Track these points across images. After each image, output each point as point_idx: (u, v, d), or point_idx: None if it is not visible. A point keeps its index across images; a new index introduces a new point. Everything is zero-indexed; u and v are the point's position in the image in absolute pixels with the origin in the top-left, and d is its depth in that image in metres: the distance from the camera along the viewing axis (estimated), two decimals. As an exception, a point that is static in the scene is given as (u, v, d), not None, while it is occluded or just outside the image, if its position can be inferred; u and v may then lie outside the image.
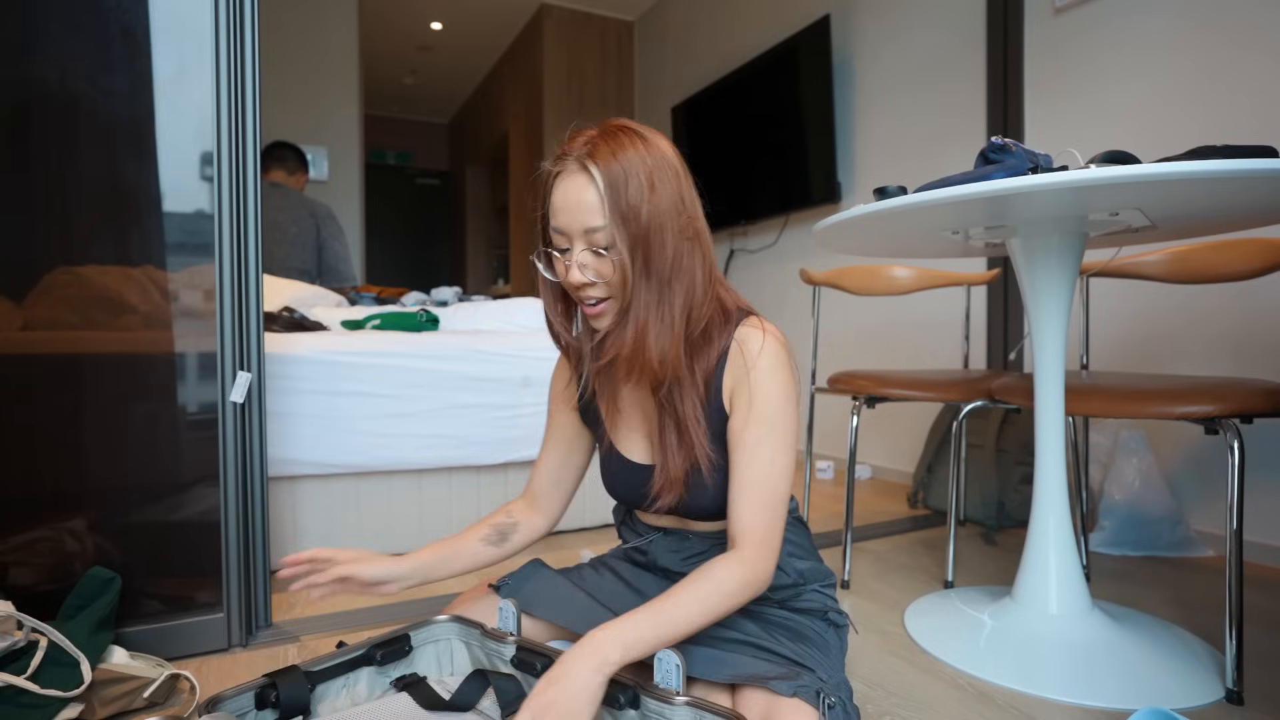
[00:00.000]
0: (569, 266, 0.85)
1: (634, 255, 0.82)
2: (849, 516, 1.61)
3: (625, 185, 0.80)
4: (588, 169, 0.82)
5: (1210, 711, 1.04)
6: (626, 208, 0.80)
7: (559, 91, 4.59)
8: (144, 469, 1.18)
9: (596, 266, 0.84)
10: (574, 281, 0.84)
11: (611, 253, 0.82)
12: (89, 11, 1.12)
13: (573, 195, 0.82)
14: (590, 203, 0.81)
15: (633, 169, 0.81)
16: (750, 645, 0.92)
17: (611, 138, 0.83)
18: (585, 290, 0.85)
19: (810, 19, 3.11)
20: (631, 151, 0.82)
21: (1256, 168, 0.83)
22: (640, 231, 0.81)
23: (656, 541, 1.04)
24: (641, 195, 0.81)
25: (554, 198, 0.85)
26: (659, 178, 0.82)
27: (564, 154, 0.85)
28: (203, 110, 1.19)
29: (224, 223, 1.21)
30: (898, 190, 1.10)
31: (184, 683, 1.09)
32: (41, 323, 1.12)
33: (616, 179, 0.80)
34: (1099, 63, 2.10)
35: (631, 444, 1.00)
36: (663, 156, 0.84)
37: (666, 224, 0.82)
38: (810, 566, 1.01)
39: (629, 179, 0.80)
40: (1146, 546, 1.83)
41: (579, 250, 0.84)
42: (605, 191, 0.80)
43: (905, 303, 2.76)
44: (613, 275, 0.83)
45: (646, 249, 0.82)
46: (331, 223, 2.97)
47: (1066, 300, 1.23)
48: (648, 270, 0.82)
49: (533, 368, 1.90)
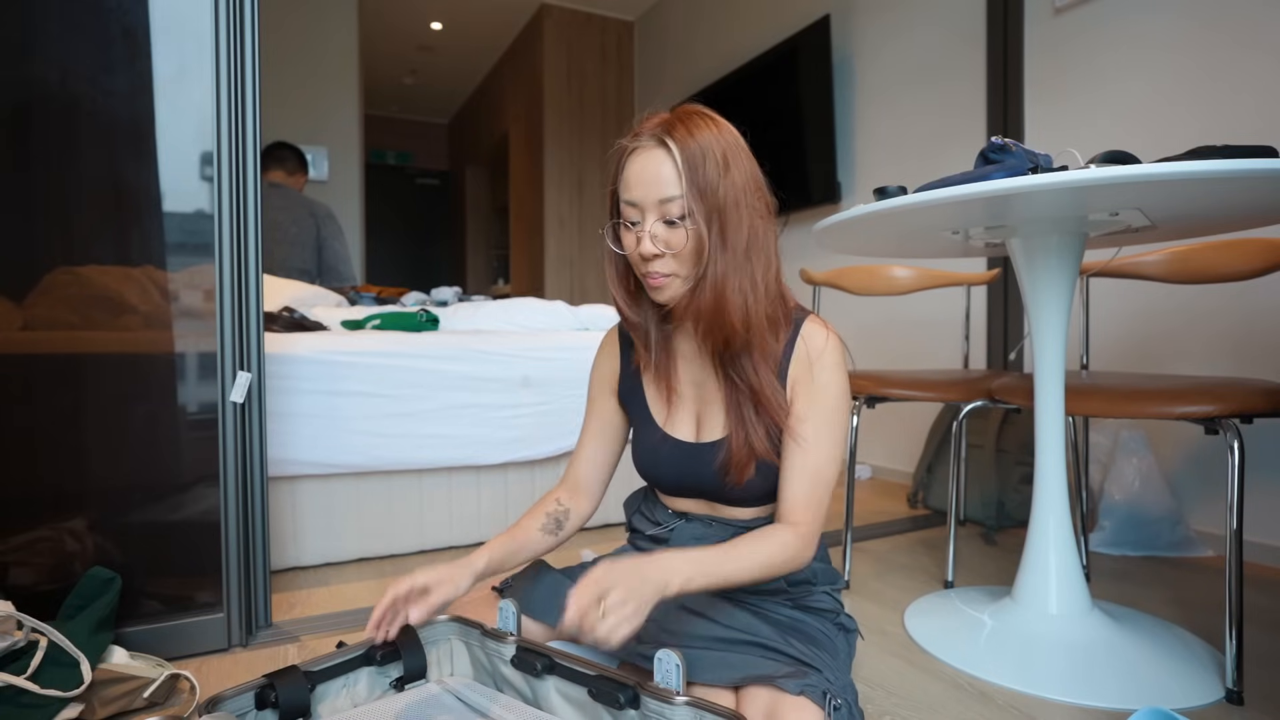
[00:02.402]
0: (640, 238, 0.87)
1: (710, 226, 0.85)
2: (849, 516, 1.61)
3: (702, 161, 0.84)
4: (665, 144, 0.85)
5: (1210, 711, 1.04)
6: (704, 182, 0.84)
7: (559, 91, 4.59)
8: (144, 469, 1.18)
9: (667, 237, 0.87)
10: (645, 252, 0.87)
11: (685, 223, 0.85)
12: (89, 12, 1.12)
13: (650, 169, 0.86)
14: (667, 175, 0.85)
15: (708, 147, 0.85)
16: (759, 646, 0.92)
17: (687, 119, 0.87)
18: (653, 263, 0.88)
19: (810, 19, 3.11)
20: (707, 132, 0.86)
21: (1256, 168, 0.83)
22: (717, 205, 0.85)
23: (680, 529, 1.03)
24: (718, 172, 0.84)
25: (628, 172, 0.88)
26: (733, 157, 0.86)
27: (639, 132, 0.89)
28: (203, 110, 1.19)
29: (224, 223, 1.21)
30: (898, 190, 1.10)
31: (184, 683, 1.09)
32: (42, 323, 1.12)
33: (693, 155, 0.84)
34: (1099, 62, 2.10)
35: (681, 424, 1.00)
36: (735, 139, 0.89)
37: (742, 200, 0.86)
38: (822, 568, 1.01)
39: (705, 156, 0.84)
40: (1146, 546, 1.83)
41: (651, 221, 0.87)
42: (682, 165, 0.84)
43: (905, 303, 2.76)
44: (684, 246, 0.86)
45: (723, 222, 0.85)
46: (331, 223, 2.97)
47: (1066, 300, 1.23)
48: (724, 241, 0.86)
49: (533, 368, 1.90)
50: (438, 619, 1.02)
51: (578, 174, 4.64)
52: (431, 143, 7.27)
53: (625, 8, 4.64)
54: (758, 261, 0.88)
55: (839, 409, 0.91)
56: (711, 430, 0.98)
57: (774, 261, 0.91)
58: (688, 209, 0.84)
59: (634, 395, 1.05)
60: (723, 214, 0.85)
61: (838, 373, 0.92)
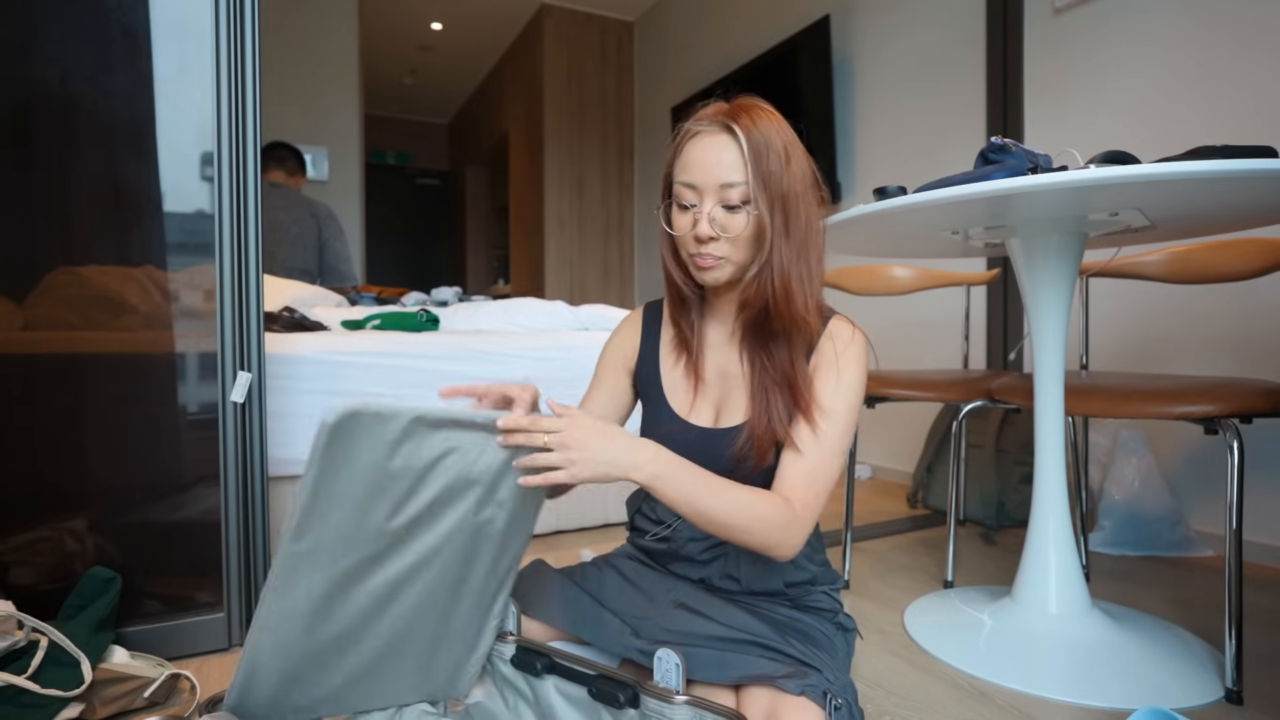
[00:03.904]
0: (698, 219, 0.88)
1: (773, 214, 0.86)
2: (849, 516, 1.61)
3: (767, 150, 0.85)
4: (731, 130, 0.86)
5: (1210, 711, 1.04)
6: (767, 171, 0.85)
7: (559, 91, 4.59)
8: (144, 469, 1.18)
9: (725, 221, 0.87)
10: (701, 234, 0.88)
11: (746, 209, 0.86)
12: (89, 12, 1.12)
13: (713, 153, 0.87)
14: (730, 160, 0.86)
15: (772, 138, 0.86)
16: (757, 645, 0.91)
17: (750, 109, 0.88)
18: (708, 245, 0.88)
19: (810, 19, 3.11)
20: (770, 124, 0.87)
21: (1256, 168, 0.83)
22: (780, 194, 0.86)
23: (680, 527, 1.02)
24: (781, 163, 0.86)
25: (688, 154, 0.89)
26: (792, 150, 0.88)
27: (701, 117, 0.90)
28: (203, 110, 1.19)
29: (224, 223, 1.21)
30: (898, 190, 1.10)
31: (184, 683, 1.09)
32: (42, 323, 1.12)
33: (758, 143, 0.85)
34: (1099, 62, 2.10)
35: (702, 412, 0.99)
36: (792, 133, 0.90)
37: (801, 192, 0.88)
38: (821, 569, 1.01)
39: (769, 146, 0.85)
40: (1146, 546, 1.83)
41: (710, 205, 0.87)
42: (748, 152, 0.85)
43: (905, 303, 2.76)
44: (741, 231, 0.87)
45: (785, 211, 0.87)
46: (332, 223, 2.97)
47: (1066, 300, 1.23)
48: (787, 230, 0.87)
49: (533, 368, 1.90)
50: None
51: (578, 174, 4.64)
52: (431, 143, 7.27)
53: (625, 8, 4.64)
54: (813, 252, 0.90)
55: (851, 403, 0.91)
56: (731, 417, 0.96)
57: (823, 254, 0.92)
58: (752, 195, 0.85)
59: (651, 380, 1.04)
60: (786, 203, 0.86)
61: (857, 368, 0.92)
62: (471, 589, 0.87)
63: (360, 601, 0.77)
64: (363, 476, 0.71)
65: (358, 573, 0.75)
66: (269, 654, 0.74)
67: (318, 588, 0.73)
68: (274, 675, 0.76)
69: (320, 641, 0.77)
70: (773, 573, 0.98)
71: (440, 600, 0.84)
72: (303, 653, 0.76)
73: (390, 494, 0.73)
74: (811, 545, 1.01)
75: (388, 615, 0.80)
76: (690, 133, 0.90)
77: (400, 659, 0.85)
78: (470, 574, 0.85)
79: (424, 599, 0.82)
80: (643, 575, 1.06)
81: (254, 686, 0.75)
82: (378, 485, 0.72)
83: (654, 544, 1.06)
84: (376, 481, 0.72)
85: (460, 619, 0.88)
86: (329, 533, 0.71)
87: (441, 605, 0.84)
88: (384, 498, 0.73)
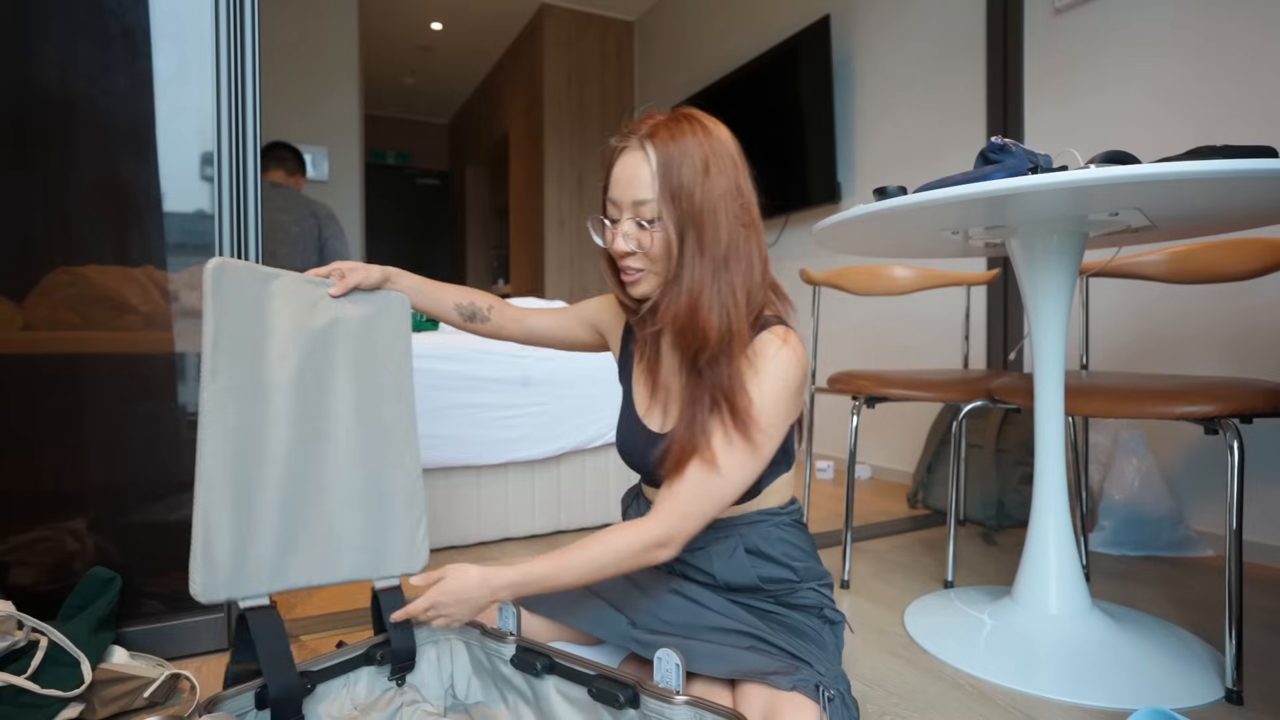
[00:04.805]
0: (615, 235, 0.91)
1: (683, 231, 0.86)
2: (849, 516, 1.61)
3: (679, 166, 0.86)
4: (644, 148, 0.88)
5: (1210, 711, 1.04)
6: (677, 186, 0.86)
7: (559, 91, 4.58)
8: (144, 469, 1.18)
9: (639, 237, 0.89)
10: (618, 249, 0.91)
11: (655, 226, 0.88)
12: (89, 12, 1.12)
13: (628, 170, 0.89)
14: (642, 178, 0.87)
15: (688, 152, 0.86)
16: (749, 636, 0.93)
17: (674, 123, 0.89)
18: (625, 260, 0.91)
19: (810, 19, 3.11)
20: (690, 138, 0.87)
21: (1256, 168, 0.83)
22: (692, 210, 0.86)
23: None
24: (695, 178, 0.86)
25: (613, 171, 0.91)
26: (715, 164, 0.87)
27: (629, 133, 0.91)
28: (203, 110, 1.19)
29: (224, 223, 1.21)
30: (898, 190, 1.10)
31: (184, 682, 1.09)
32: (41, 323, 1.12)
33: (670, 160, 0.86)
34: (1099, 63, 2.10)
35: (654, 414, 1.01)
36: (722, 145, 0.89)
37: (720, 207, 0.87)
38: (807, 566, 1.01)
39: (683, 161, 0.86)
40: (1146, 546, 1.83)
41: (626, 221, 0.90)
42: (657, 170, 0.86)
43: (905, 303, 2.76)
44: (652, 247, 0.88)
45: (699, 228, 0.86)
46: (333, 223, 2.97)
47: (1066, 300, 1.23)
48: (700, 247, 0.87)
49: (533, 368, 1.90)
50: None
51: (578, 174, 4.64)
52: (431, 143, 7.26)
53: (625, 8, 4.64)
54: (737, 269, 0.88)
55: (773, 420, 0.87)
56: (669, 424, 0.98)
57: (757, 269, 0.91)
58: (657, 213, 0.87)
59: (625, 374, 1.08)
60: (698, 220, 0.86)
61: (774, 384, 0.88)
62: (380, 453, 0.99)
63: (282, 441, 0.89)
64: (249, 314, 0.88)
65: (280, 419, 0.89)
66: (215, 509, 0.82)
67: (242, 422, 0.86)
68: (226, 534, 0.83)
69: (257, 484, 0.87)
70: (743, 570, 0.99)
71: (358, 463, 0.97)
72: (242, 497, 0.85)
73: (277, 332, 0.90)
74: (792, 544, 1.01)
75: (312, 462, 0.92)
76: (616, 149, 0.92)
77: (345, 515, 0.94)
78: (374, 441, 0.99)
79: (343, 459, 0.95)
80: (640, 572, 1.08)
81: (212, 551, 0.82)
82: (263, 323, 0.89)
83: None
84: (261, 319, 0.89)
85: (388, 483, 0.99)
86: (239, 371, 0.86)
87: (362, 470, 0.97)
88: (273, 336, 0.90)
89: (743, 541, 0.99)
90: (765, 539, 0.99)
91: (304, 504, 0.91)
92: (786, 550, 1.00)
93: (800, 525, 1.04)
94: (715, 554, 1.00)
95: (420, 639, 1.00)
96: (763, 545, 0.98)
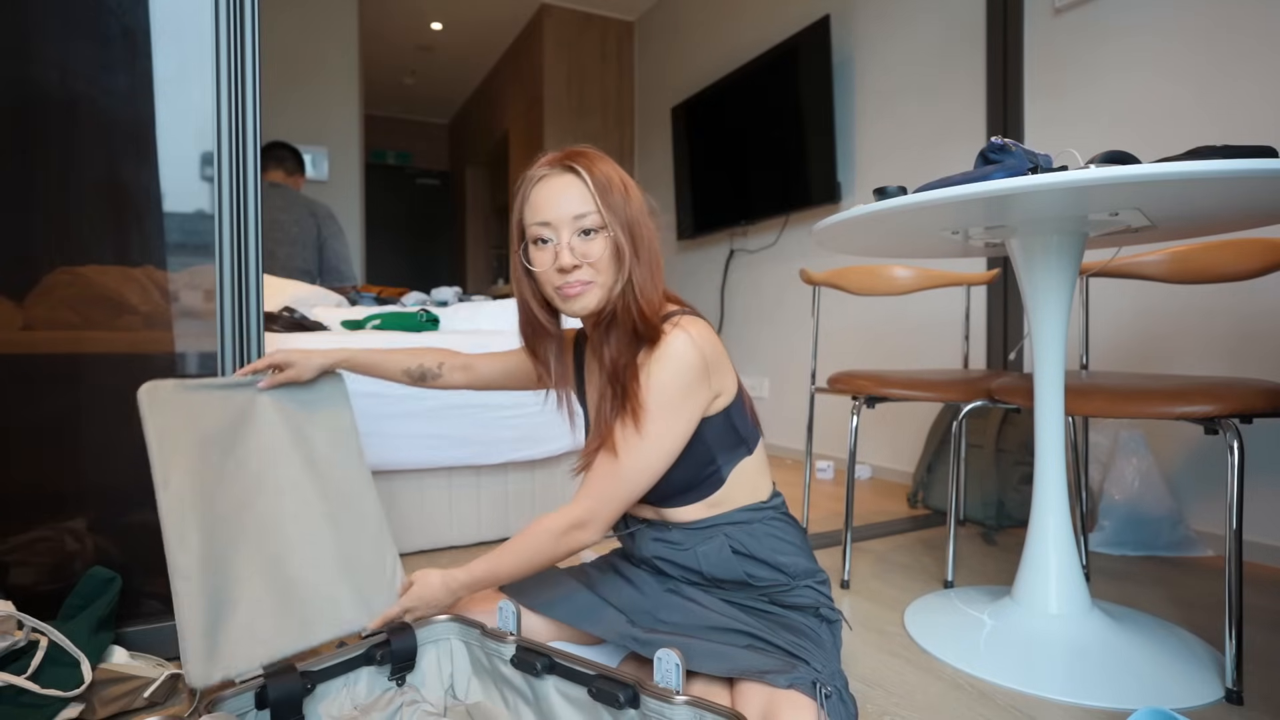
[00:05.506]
0: (558, 252, 0.94)
1: (627, 238, 0.94)
2: (849, 516, 1.61)
3: (609, 184, 0.94)
4: (574, 170, 0.95)
5: (1210, 711, 1.04)
6: (614, 200, 0.94)
7: (559, 91, 4.58)
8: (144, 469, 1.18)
9: (584, 248, 0.94)
10: (565, 263, 0.93)
11: (601, 234, 0.94)
12: (89, 11, 1.12)
13: (559, 190, 0.94)
14: (578, 194, 0.94)
15: (611, 175, 0.96)
16: (746, 634, 0.94)
17: (585, 154, 0.97)
18: (572, 273, 0.94)
19: (810, 19, 3.11)
20: (605, 164, 0.97)
21: (1256, 168, 0.83)
22: (626, 221, 0.94)
23: (640, 532, 1.08)
24: (622, 195, 0.95)
25: (537, 197, 0.96)
26: (629, 185, 0.98)
27: (546, 164, 0.97)
28: (203, 110, 1.19)
29: (224, 223, 1.21)
30: (898, 190, 1.10)
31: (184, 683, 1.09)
32: (41, 323, 1.12)
33: (600, 178, 0.94)
34: (1099, 62, 2.10)
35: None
36: (625, 174, 1.00)
37: (643, 220, 0.97)
38: (801, 563, 1.01)
39: (609, 180, 0.95)
40: (1146, 546, 1.83)
41: (567, 236, 0.94)
42: (593, 185, 0.93)
43: (905, 303, 2.76)
44: (600, 255, 0.93)
45: (634, 236, 0.95)
46: (332, 222, 2.97)
47: (1066, 300, 1.23)
48: (637, 253, 0.95)
49: (533, 368, 1.90)
50: (438, 619, 1.02)
51: (578, 174, 4.64)
52: (431, 143, 7.26)
53: (625, 8, 4.64)
54: (658, 270, 0.98)
55: (659, 404, 0.92)
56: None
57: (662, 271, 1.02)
58: (604, 221, 0.93)
59: (581, 395, 1.13)
60: (632, 229, 0.95)
61: (668, 367, 0.92)
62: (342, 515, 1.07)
63: (248, 527, 0.96)
64: (185, 424, 0.96)
65: (236, 506, 0.96)
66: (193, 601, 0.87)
67: (205, 522, 0.92)
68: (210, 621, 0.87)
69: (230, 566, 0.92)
70: (728, 564, 1.00)
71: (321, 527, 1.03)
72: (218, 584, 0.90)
73: (216, 433, 0.99)
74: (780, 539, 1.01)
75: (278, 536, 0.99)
76: (534, 179, 0.97)
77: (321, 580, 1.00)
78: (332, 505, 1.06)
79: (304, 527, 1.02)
80: (635, 573, 1.12)
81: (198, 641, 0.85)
82: (199, 429, 0.97)
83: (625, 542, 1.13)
84: (197, 426, 0.97)
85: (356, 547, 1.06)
86: (188, 476, 0.93)
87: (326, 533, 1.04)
88: (214, 441, 0.98)
89: (729, 542, 0.99)
90: (752, 537, 1.00)
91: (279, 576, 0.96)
92: (775, 546, 1.00)
93: (788, 519, 1.05)
94: (701, 553, 1.01)
95: (420, 639, 1.00)
96: (750, 545, 0.99)
